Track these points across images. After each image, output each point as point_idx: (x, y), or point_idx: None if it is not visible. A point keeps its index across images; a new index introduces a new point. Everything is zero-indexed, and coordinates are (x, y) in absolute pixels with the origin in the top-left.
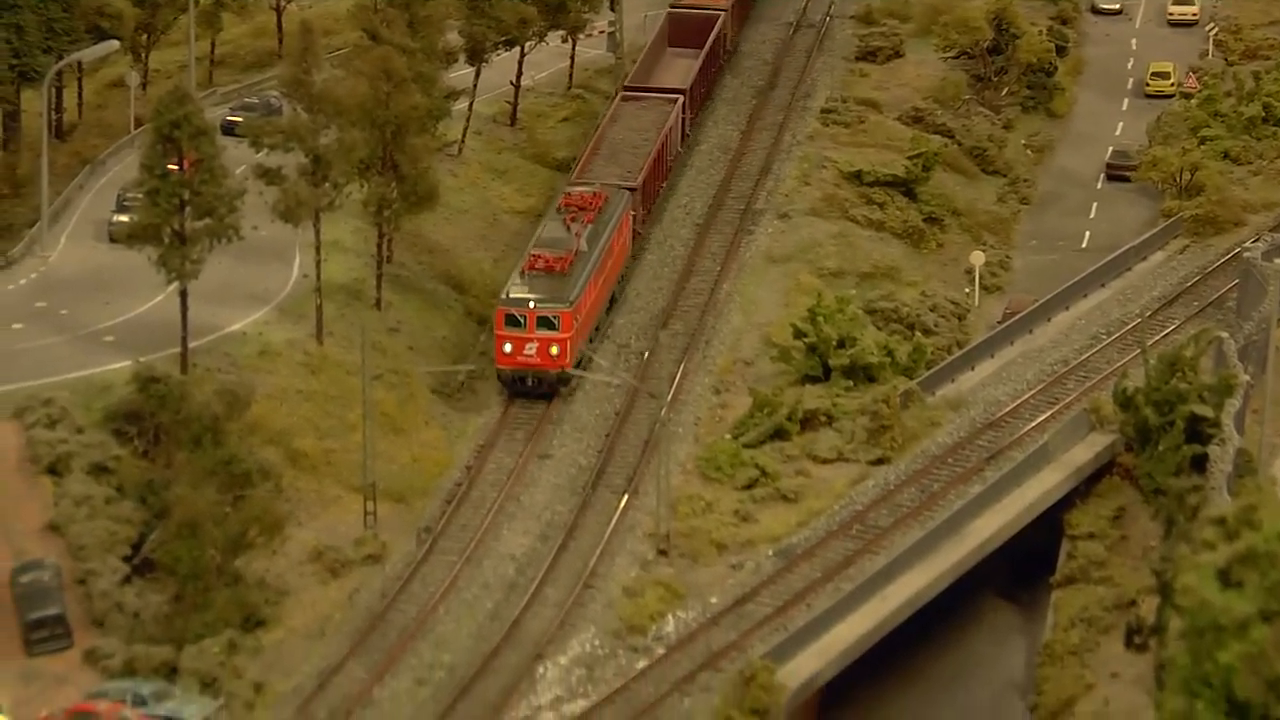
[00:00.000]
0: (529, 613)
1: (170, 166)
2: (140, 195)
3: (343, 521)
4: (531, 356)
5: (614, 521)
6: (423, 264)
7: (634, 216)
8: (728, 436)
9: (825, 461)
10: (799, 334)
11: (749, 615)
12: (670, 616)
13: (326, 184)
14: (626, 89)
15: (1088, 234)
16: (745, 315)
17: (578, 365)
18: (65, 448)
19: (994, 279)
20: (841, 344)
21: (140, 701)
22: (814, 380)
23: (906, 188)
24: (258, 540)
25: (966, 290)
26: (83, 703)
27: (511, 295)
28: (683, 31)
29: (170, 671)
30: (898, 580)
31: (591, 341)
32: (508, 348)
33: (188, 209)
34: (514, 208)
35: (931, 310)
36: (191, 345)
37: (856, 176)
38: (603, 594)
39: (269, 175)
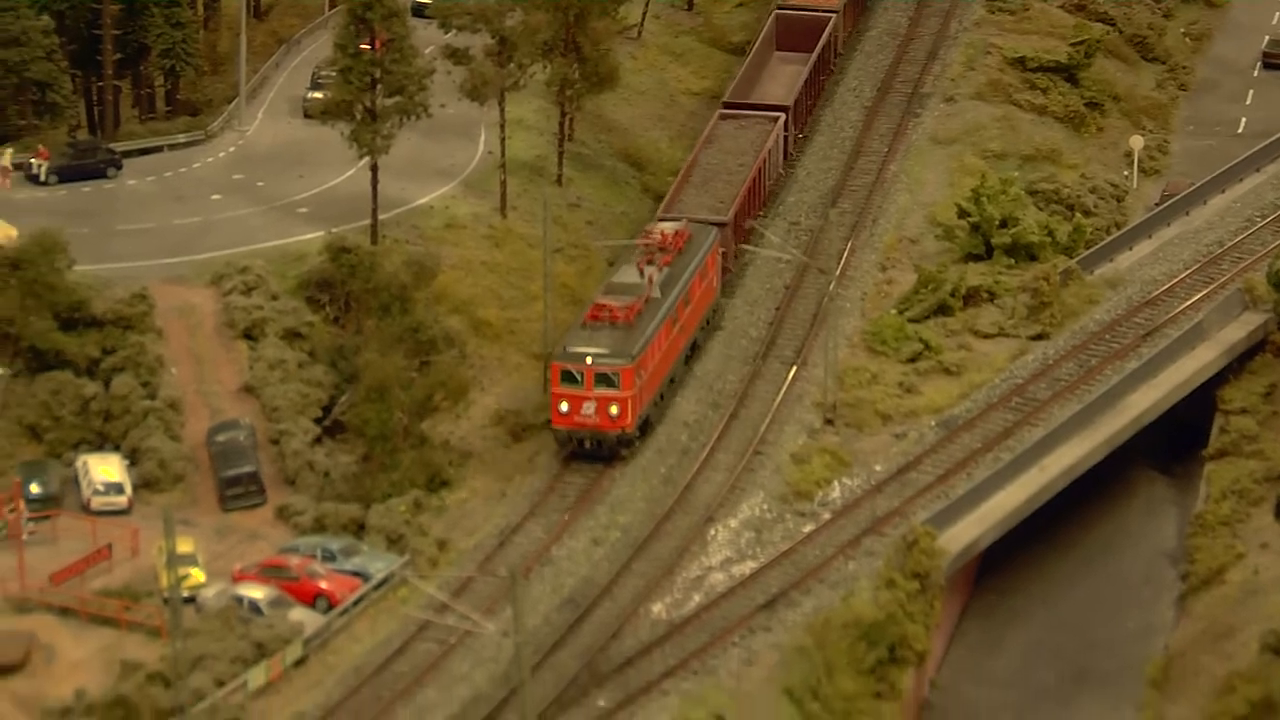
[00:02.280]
0: (701, 477)
1: (363, 46)
2: (333, 73)
3: (523, 388)
4: (589, 416)
5: (783, 391)
6: (602, 142)
7: (724, 254)
8: (893, 311)
9: (986, 336)
10: (963, 214)
11: (911, 483)
12: (836, 483)
13: (511, 64)
14: (726, 106)
15: (1244, 120)
16: (911, 195)
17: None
18: (260, 314)
19: (1152, 163)
20: (1004, 224)
21: (329, 557)
22: (977, 258)
23: (1068, 73)
24: (443, 404)
25: (1125, 173)
26: (274, 557)
27: (568, 350)
28: (791, 35)
29: (358, 528)
30: (1055, 451)
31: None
32: (564, 407)
33: (379, 87)
34: (690, 89)
35: (1091, 192)
36: (381, 217)
37: (1020, 62)
38: (771, 460)
39: (456, 55)
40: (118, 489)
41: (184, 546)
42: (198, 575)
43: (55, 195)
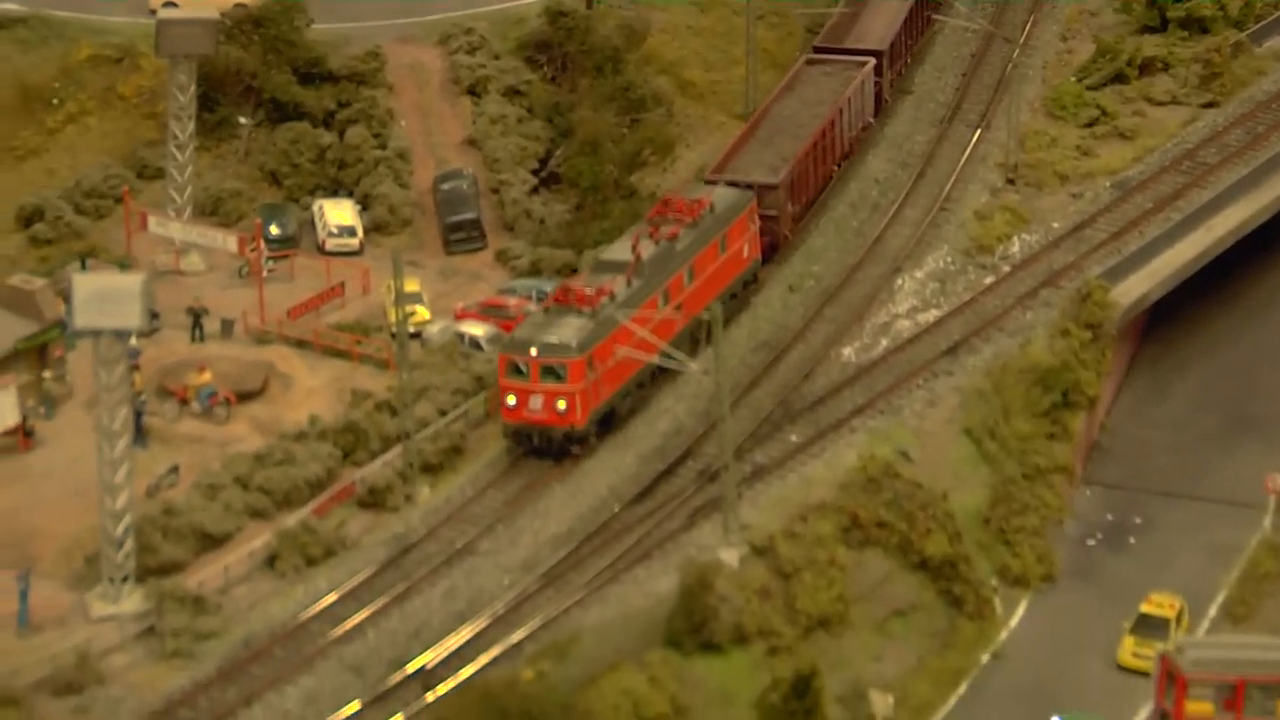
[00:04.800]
0: (890, 231)
1: None
2: None
3: (724, 145)
4: (536, 411)
5: (967, 152)
6: None
7: (776, 220)
8: (1072, 79)
9: (1159, 104)
10: None
11: (1087, 239)
12: (1016, 238)
13: None
14: (816, 50)
15: None
16: None
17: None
18: (483, 72)
19: None
20: None
21: (543, 297)
22: (1152, 30)
23: None
24: (650, 159)
25: None
26: (493, 297)
27: (515, 338)
28: None
29: (570, 272)
30: (1223, 212)
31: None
32: (511, 400)
33: None
34: None
35: None
36: None
37: None
38: (955, 216)
39: None
40: (350, 232)
41: (411, 286)
42: (423, 313)
43: None
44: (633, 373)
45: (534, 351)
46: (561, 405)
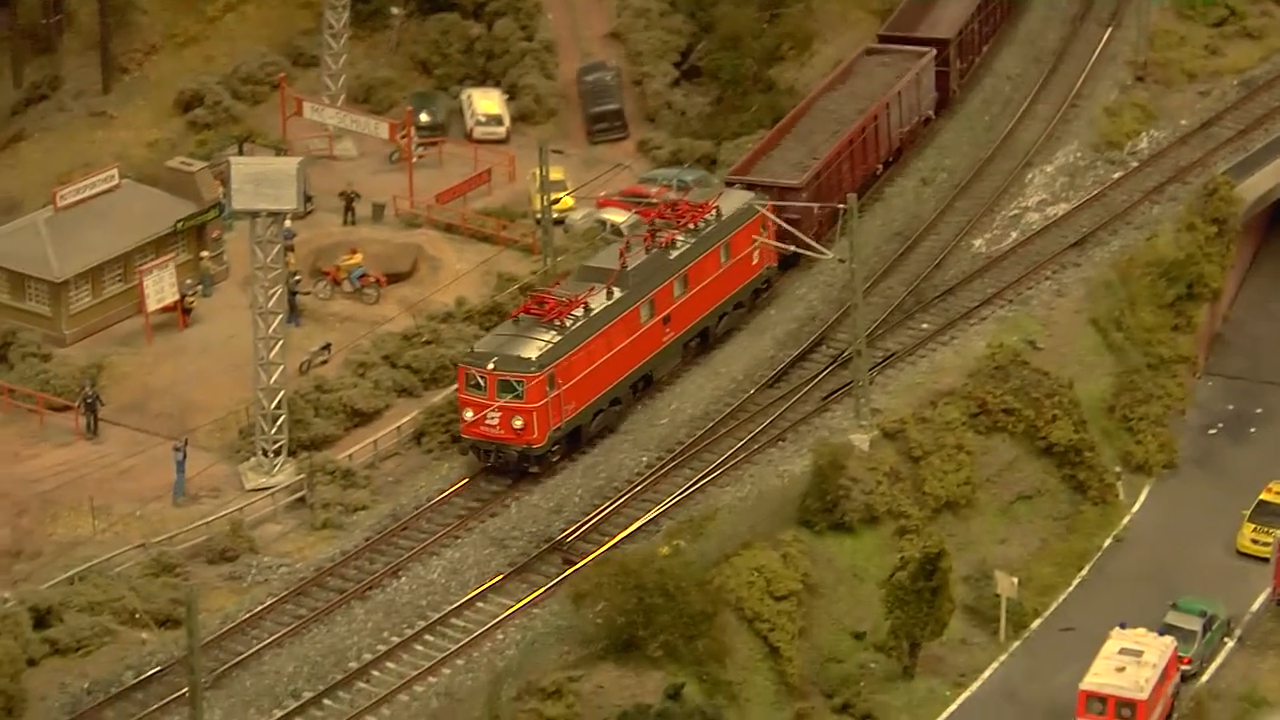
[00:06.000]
0: (1021, 126)
1: None
2: None
3: (862, 41)
4: (492, 427)
5: (1098, 50)
6: None
7: (798, 224)
8: None
9: None
10: None
11: (1213, 136)
12: (1144, 134)
13: None
14: (881, 39)
15: None
16: None
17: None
18: None
19: None
20: None
21: (683, 186)
22: None
23: None
24: (789, 53)
25: None
26: (635, 185)
27: (475, 350)
28: None
29: (710, 163)
30: None
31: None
32: (469, 414)
33: None
34: None
35: None
36: None
37: None
38: (1085, 112)
39: None
40: (497, 120)
41: (555, 174)
42: (566, 200)
43: None
44: (607, 387)
45: (491, 366)
46: (518, 423)
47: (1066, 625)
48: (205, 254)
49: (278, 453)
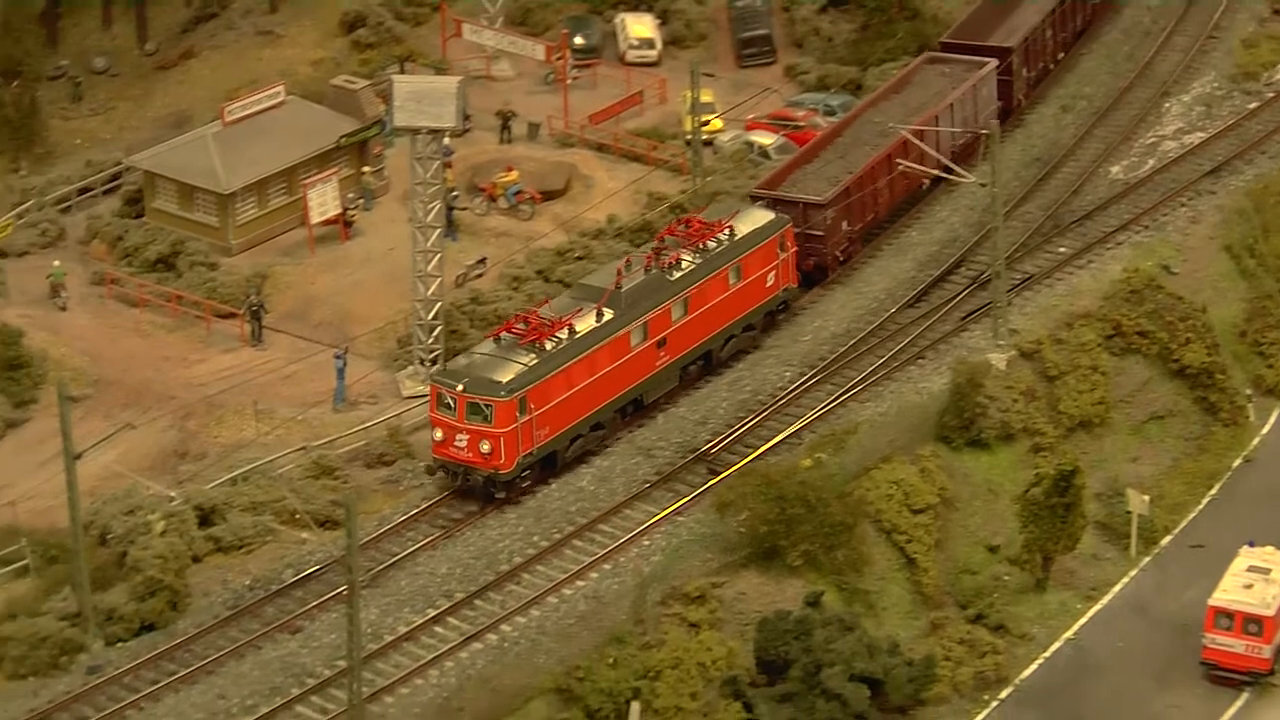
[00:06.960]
0: (1159, 56)
1: None
2: None
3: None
4: (461, 450)
5: None
6: None
7: (823, 240)
8: None
9: None
10: None
11: None
12: None
13: None
14: (943, 46)
15: None
16: None
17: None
18: None
19: None
20: None
21: (830, 111)
22: None
23: None
24: None
25: None
26: (782, 109)
27: (446, 369)
28: None
29: (855, 88)
30: None
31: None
32: (438, 434)
33: None
34: None
35: None
36: None
37: None
38: (1223, 44)
39: None
40: (649, 44)
41: (705, 96)
42: (716, 122)
43: None
44: (587, 413)
45: (460, 387)
46: (485, 447)
47: (1196, 542)
48: (367, 169)
49: (434, 362)
